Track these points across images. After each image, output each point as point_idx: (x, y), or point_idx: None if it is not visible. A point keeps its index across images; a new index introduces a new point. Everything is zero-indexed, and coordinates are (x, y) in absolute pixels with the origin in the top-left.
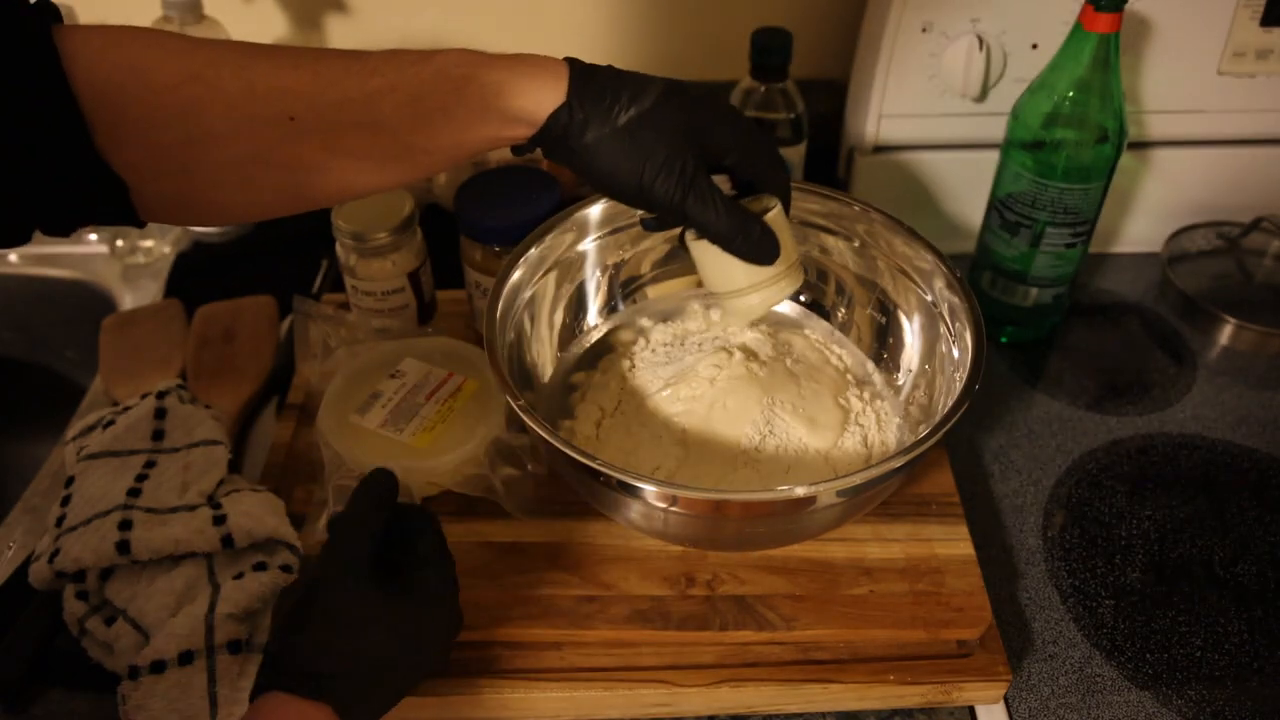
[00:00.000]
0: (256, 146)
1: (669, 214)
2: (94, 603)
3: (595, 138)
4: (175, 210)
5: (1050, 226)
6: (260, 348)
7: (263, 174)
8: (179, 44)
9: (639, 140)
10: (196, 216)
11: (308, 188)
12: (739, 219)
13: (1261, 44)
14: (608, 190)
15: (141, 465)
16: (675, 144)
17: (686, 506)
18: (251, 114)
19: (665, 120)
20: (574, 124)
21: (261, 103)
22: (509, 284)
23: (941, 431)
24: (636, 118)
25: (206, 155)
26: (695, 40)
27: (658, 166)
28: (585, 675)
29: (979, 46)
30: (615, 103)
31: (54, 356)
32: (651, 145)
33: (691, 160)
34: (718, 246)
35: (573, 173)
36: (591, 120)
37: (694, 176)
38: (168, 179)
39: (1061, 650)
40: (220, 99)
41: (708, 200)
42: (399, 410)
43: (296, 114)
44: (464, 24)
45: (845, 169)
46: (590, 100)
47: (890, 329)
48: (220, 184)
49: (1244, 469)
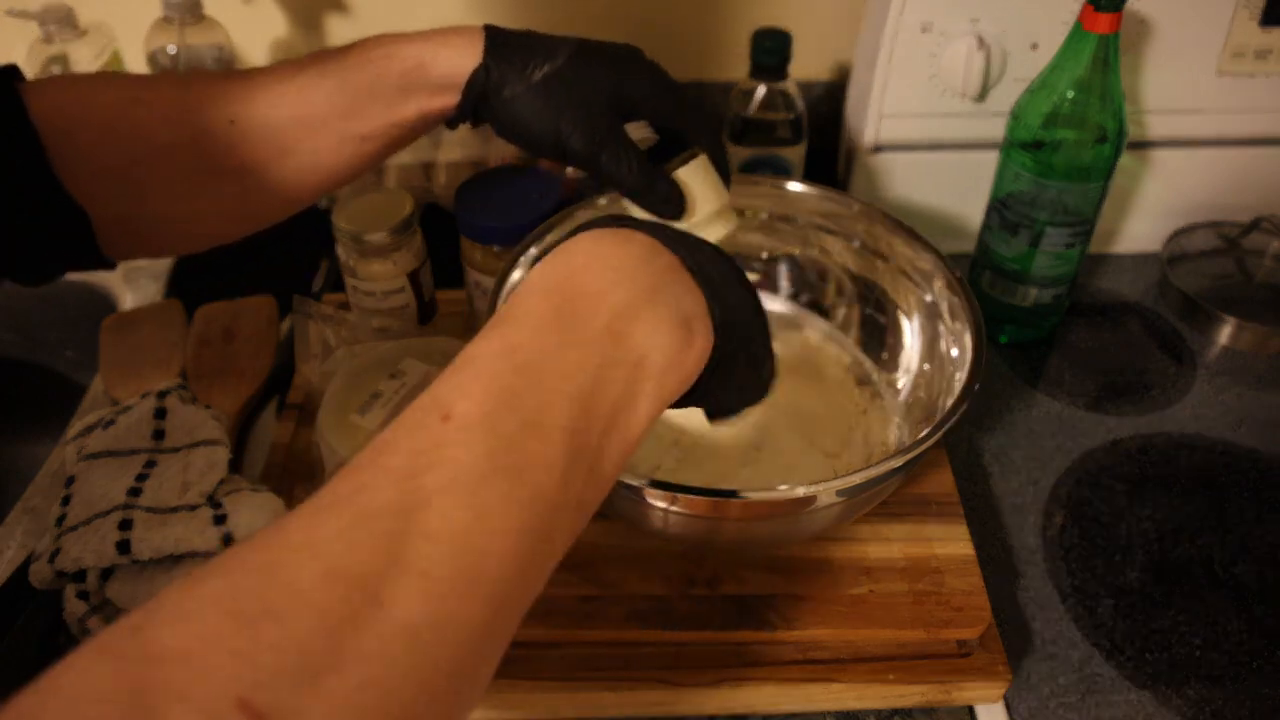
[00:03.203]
0: (201, 155)
1: (585, 167)
2: (94, 602)
3: (512, 94)
4: (136, 238)
5: (1050, 226)
6: (260, 348)
7: (213, 185)
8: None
9: (554, 95)
10: (157, 243)
11: (258, 194)
12: (646, 175)
13: (1261, 44)
14: (527, 145)
15: (142, 465)
16: (589, 98)
17: (686, 506)
18: (191, 125)
19: (579, 75)
20: (491, 83)
21: (199, 111)
22: (509, 284)
23: (941, 431)
24: (551, 74)
25: (156, 171)
26: (695, 40)
27: (572, 121)
28: (585, 675)
29: (979, 46)
30: (530, 60)
31: (54, 356)
32: (566, 100)
33: (606, 114)
34: (627, 202)
35: (496, 133)
36: (508, 78)
37: (607, 130)
38: (123, 201)
39: (1061, 650)
40: (160, 113)
41: (620, 156)
42: (399, 410)
43: (235, 117)
44: (462, 22)
45: (845, 169)
46: (506, 59)
47: (890, 329)
48: (172, 201)
49: (1244, 469)
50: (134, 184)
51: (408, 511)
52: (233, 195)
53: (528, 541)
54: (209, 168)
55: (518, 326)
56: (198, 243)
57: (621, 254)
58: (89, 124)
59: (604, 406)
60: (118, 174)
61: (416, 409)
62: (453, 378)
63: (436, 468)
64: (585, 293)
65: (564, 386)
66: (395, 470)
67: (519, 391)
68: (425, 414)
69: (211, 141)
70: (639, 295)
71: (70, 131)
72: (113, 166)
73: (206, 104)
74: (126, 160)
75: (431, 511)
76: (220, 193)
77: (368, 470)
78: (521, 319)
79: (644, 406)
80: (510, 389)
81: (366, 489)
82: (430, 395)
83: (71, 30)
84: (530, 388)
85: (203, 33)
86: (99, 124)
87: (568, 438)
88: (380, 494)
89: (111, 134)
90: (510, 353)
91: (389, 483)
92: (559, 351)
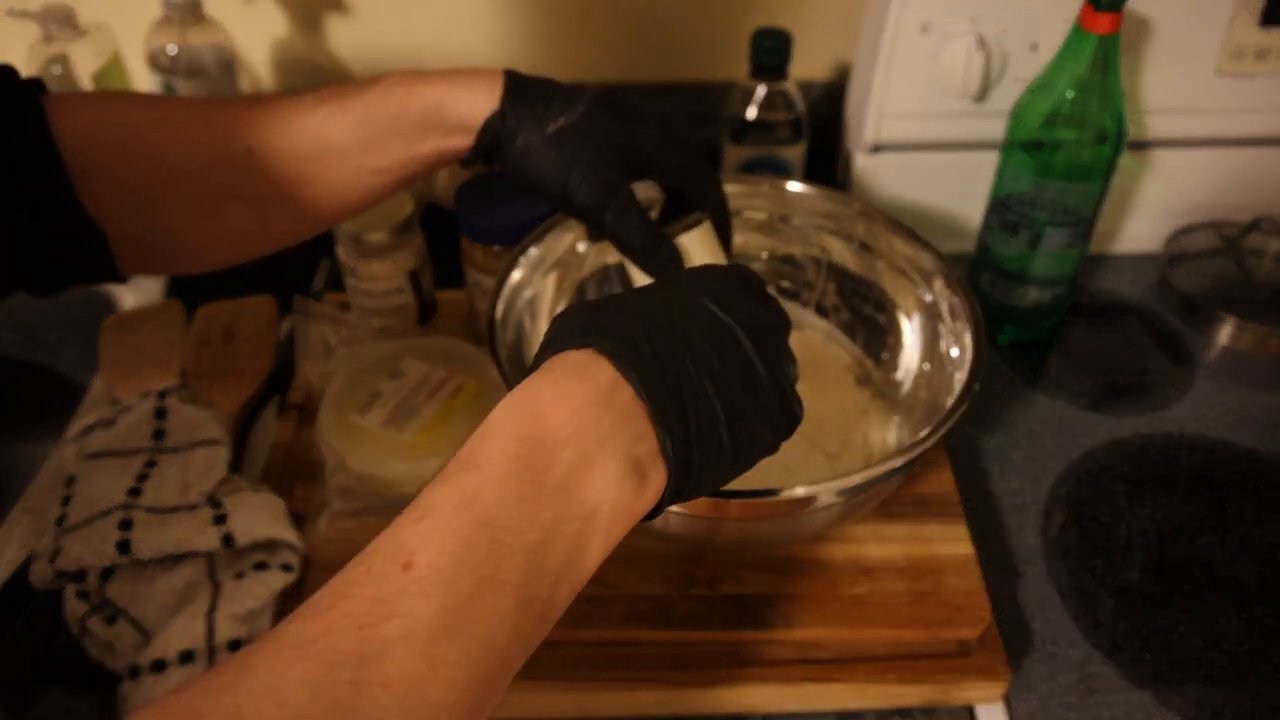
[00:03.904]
0: (219, 181)
1: (589, 221)
2: (95, 602)
3: (525, 143)
4: (151, 255)
5: (1050, 226)
6: (260, 348)
7: (229, 210)
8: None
9: (566, 147)
10: (172, 261)
11: (273, 222)
12: (651, 237)
13: (1260, 44)
14: (535, 193)
15: (142, 465)
16: (601, 153)
17: (686, 506)
18: (211, 149)
19: (592, 130)
20: (506, 130)
21: (219, 138)
22: (509, 284)
23: (941, 431)
24: (566, 126)
25: (172, 192)
26: (695, 40)
27: (582, 174)
28: (585, 675)
29: (979, 46)
30: (546, 111)
31: (54, 356)
32: (577, 153)
33: (616, 171)
34: (627, 259)
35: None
36: (523, 126)
37: (616, 187)
38: (139, 219)
39: (1061, 650)
40: (180, 138)
41: (626, 213)
42: (399, 410)
43: (253, 145)
44: (463, 23)
45: (845, 169)
46: (523, 107)
47: (890, 329)
48: (188, 221)
49: (1244, 469)
50: (151, 204)
51: (367, 660)
52: (248, 220)
53: (477, 691)
54: (226, 193)
55: (481, 475)
56: (211, 262)
57: (582, 396)
58: (110, 142)
59: (554, 560)
60: (135, 193)
61: (378, 554)
62: (414, 525)
63: (395, 618)
64: (545, 443)
65: (518, 542)
66: (357, 616)
67: (476, 546)
68: (387, 562)
69: (230, 168)
70: (593, 446)
71: (91, 149)
72: (131, 185)
73: (228, 131)
74: (145, 180)
75: (389, 661)
76: (236, 217)
77: (330, 614)
78: (484, 465)
79: (593, 555)
80: (468, 544)
81: (330, 634)
82: (392, 540)
83: (71, 30)
84: (487, 544)
85: (203, 33)
86: (120, 143)
87: (519, 590)
88: (342, 640)
89: (131, 154)
90: (470, 504)
91: (351, 629)
92: (517, 505)
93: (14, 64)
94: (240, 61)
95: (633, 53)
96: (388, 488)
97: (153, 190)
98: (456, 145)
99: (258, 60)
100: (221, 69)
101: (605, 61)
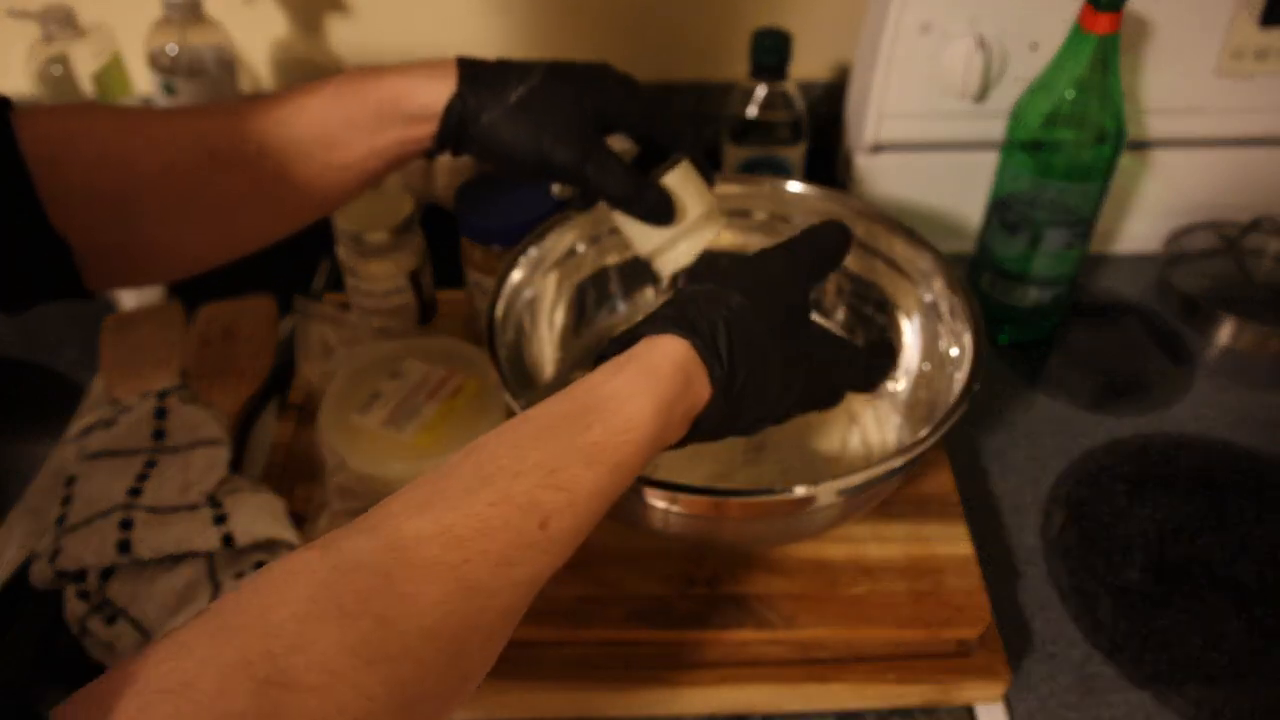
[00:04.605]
0: (184, 187)
1: (572, 180)
2: (95, 602)
3: (490, 119)
4: (118, 268)
5: (1050, 226)
6: (260, 348)
7: (195, 215)
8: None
9: (533, 114)
10: (142, 271)
11: (241, 226)
12: (635, 183)
13: (1260, 44)
14: (510, 167)
15: (142, 465)
16: (569, 113)
17: (686, 506)
18: (176, 155)
19: (555, 92)
20: (468, 110)
21: (184, 144)
22: (509, 284)
23: (941, 431)
24: (527, 93)
25: (140, 201)
26: (695, 40)
27: (554, 136)
28: (585, 675)
29: (979, 46)
30: (504, 84)
31: (54, 356)
32: (545, 117)
33: (586, 127)
34: (618, 210)
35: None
36: (485, 103)
37: (590, 142)
38: (111, 230)
39: (1061, 650)
40: (146, 145)
41: (606, 164)
42: (400, 410)
43: (217, 149)
44: (462, 23)
45: (845, 169)
46: (481, 86)
47: (890, 329)
48: (157, 229)
49: (1244, 469)
50: (122, 213)
51: (496, 593)
52: (217, 225)
53: None
54: (194, 199)
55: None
56: (183, 269)
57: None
58: (78, 158)
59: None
60: (106, 203)
61: (512, 505)
62: (554, 494)
63: (523, 565)
64: None
65: None
66: (494, 555)
67: (598, 514)
68: (526, 518)
69: (197, 174)
70: None
71: (61, 162)
72: (102, 196)
73: (191, 138)
74: (115, 190)
75: (503, 597)
76: (205, 222)
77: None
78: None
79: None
80: (595, 516)
81: (469, 564)
82: (529, 499)
83: (71, 30)
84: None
85: (203, 33)
86: (89, 155)
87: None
88: (479, 571)
89: (101, 164)
90: (603, 491)
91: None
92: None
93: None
94: (240, 62)
95: (632, 53)
96: (387, 488)
97: (124, 199)
98: (418, 134)
99: (258, 60)
100: (221, 69)
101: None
